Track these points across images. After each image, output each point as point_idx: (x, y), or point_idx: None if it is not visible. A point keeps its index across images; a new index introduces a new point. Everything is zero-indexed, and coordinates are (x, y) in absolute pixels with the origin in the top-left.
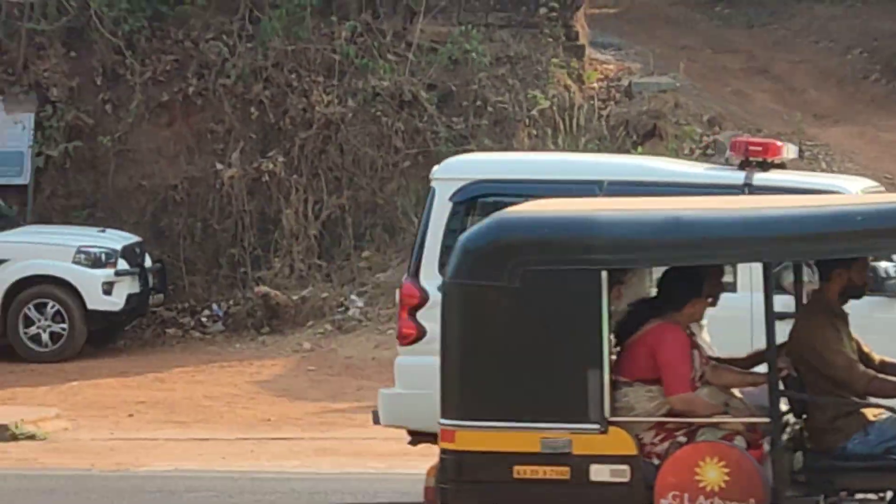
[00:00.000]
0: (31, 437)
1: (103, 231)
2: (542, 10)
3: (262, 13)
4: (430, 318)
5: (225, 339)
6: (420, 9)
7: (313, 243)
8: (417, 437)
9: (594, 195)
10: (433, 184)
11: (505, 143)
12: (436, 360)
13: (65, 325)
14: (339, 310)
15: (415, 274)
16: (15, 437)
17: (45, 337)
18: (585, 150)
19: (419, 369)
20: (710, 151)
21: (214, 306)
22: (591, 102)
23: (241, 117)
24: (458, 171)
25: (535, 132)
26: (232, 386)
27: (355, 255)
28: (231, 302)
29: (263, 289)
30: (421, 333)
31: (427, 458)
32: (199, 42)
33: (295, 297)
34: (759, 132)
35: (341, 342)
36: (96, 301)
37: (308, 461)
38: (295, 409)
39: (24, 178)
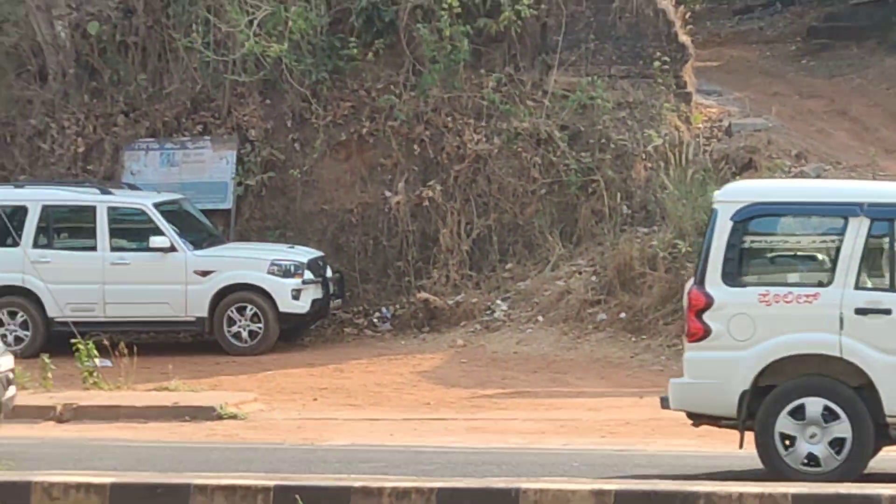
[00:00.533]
0: (234, 417)
1: (292, 247)
2: (656, 64)
3: (423, 67)
4: (714, 319)
5: (392, 337)
6: (554, 63)
7: (465, 257)
8: (699, 419)
9: (856, 216)
10: (716, 205)
11: (624, 173)
12: (718, 355)
13: (261, 325)
14: (487, 312)
15: (700, 282)
16: (220, 417)
17: (244, 334)
18: (692, 180)
19: (705, 363)
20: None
21: (384, 309)
22: (697, 140)
23: (405, 153)
24: (737, 194)
25: (650, 165)
26: (398, 375)
27: (500, 267)
28: (397, 306)
29: (424, 295)
30: (706, 332)
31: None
32: (371, 91)
33: (450, 302)
34: (839, 165)
35: (488, 339)
36: (287, 305)
37: (461, 437)
38: (450, 394)
39: (228, 204)
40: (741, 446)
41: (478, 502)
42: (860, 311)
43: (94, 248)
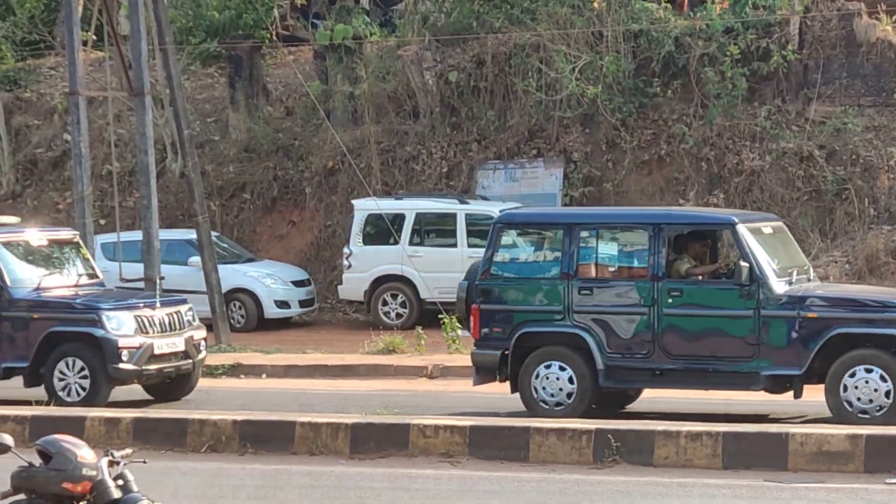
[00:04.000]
0: None
1: None
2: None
3: (709, 101)
4: None
5: None
6: (814, 96)
7: None
8: None
9: None
10: None
11: (871, 183)
12: None
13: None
14: None
15: None
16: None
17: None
18: None
19: None
20: None
21: None
22: None
23: (695, 169)
24: None
25: (892, 175)
26: None
27: None
28: None
29: None
30: None
31: None
32: (668, 121)
33: None
34: None
35: None
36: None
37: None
38: None
39: None
40: None
41: (755, 444)
42: None
43: (454, 246)
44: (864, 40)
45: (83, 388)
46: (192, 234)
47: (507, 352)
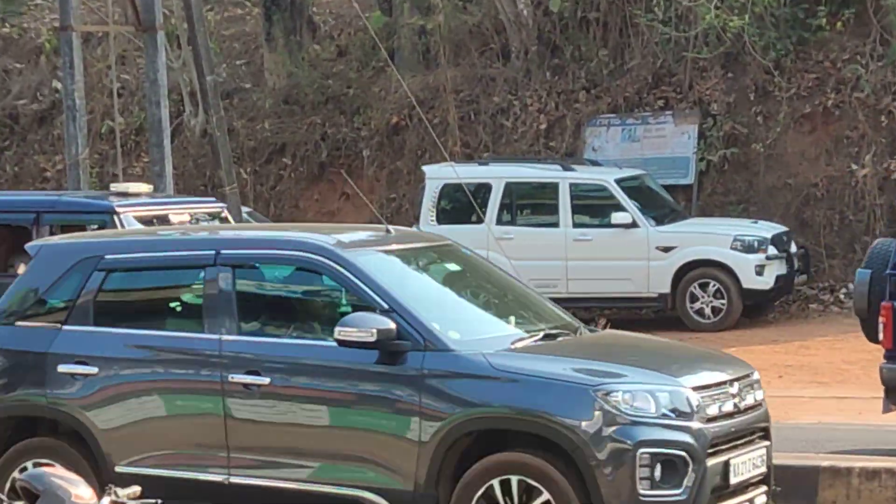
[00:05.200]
0: None
1: (755, 222)
2: None
3: (890, 36)
4: None
5: None
6: None
7: None
8: None
9: None
10: None
11: None
12: None
13: (724, 301)
14: None
15: None
16: None
17: (707, 311)
18: None
19: None
20: None
21: (850, 285)
22: None
23: (872, 125)
24: None
25: None
26: (866, 353)
27: None
28: None
29: None
30: None
31: None
32: (836, 62)
33: None
34: None
35: None
36: (750, 281)
37: None
38: None
39: (689, 179)
40: None
41: None
42: None
43: (556, 225)
44: None
45: None
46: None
47: None
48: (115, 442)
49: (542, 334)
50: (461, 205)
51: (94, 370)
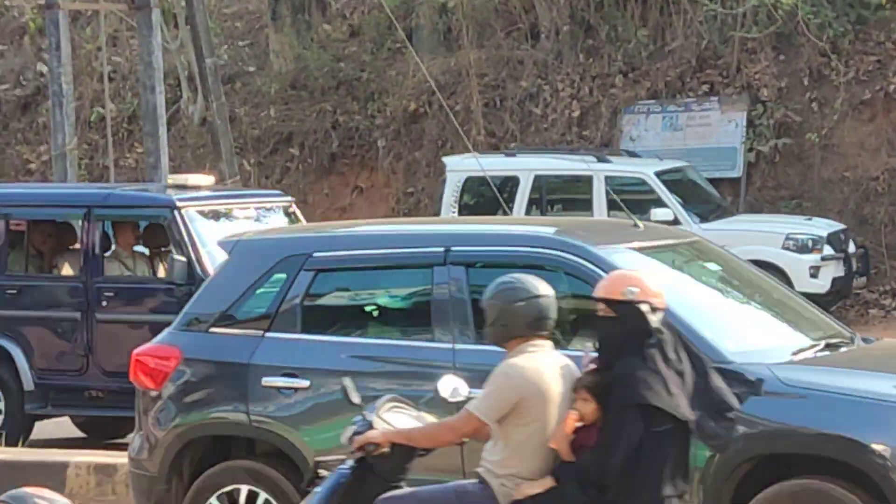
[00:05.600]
0: None
1: (809, 219)
2: None
3: None
4: None
5: None
6: None
7: None
8: None
9: None
10: None
11: None
12: None
13: None
14: None
15: None
16: None
17: None
18: None
19: None
20: None
21: None
22: None
23: None
24: None
25: None
26: None
27: None
28: None
29: None
30: None
31: None
32: None
33: None
34: None
35: None
36: (804, 284)
37: None
38: None
39: (737, 172)
40: None
41: None
42: None
43: None
44: None
45: None
46: None
47: None
48: None
49: (822, 343)
50: (486, 200)
51: (306, 383)
